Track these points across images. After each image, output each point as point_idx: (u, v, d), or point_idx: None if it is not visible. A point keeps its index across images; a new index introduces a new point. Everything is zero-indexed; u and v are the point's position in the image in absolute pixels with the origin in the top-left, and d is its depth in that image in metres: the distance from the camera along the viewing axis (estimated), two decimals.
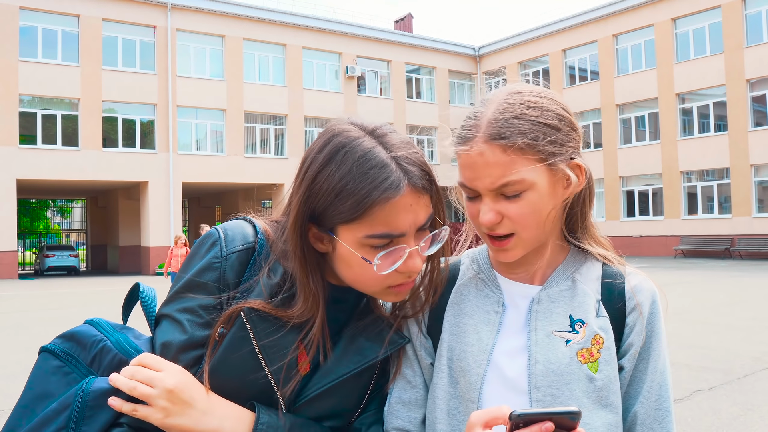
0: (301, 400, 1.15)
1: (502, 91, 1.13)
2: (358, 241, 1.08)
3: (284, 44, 31.48)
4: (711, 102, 28.70)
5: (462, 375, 1.16)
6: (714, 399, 6.05)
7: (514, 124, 1.06)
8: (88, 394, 1.02)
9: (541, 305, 1.18)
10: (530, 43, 35.56)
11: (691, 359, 7.71)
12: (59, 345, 1.10)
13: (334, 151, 1.08)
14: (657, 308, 1.19)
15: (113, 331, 1.13)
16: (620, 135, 31.78)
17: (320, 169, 1.08)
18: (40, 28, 26.11)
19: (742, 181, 27.27)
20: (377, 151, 1.07)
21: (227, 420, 1.07)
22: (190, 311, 1.11)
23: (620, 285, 1.19)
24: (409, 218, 1.08)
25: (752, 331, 9.57)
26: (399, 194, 1.05)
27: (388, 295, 1.16)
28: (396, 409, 1.21)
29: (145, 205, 28.43)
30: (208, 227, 12.15)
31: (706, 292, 15.15)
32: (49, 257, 31.65)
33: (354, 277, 1.13)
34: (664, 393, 1.17)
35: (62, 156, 26.19)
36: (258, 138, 31.28)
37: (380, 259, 1.08)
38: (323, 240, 1.14)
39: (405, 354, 1.24)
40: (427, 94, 37.01)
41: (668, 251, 29.62)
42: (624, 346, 1.17)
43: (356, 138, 1.09)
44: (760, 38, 27.02)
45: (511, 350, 1.16)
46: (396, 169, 1.06)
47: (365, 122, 1.14)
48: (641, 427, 1.16)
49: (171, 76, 28.37)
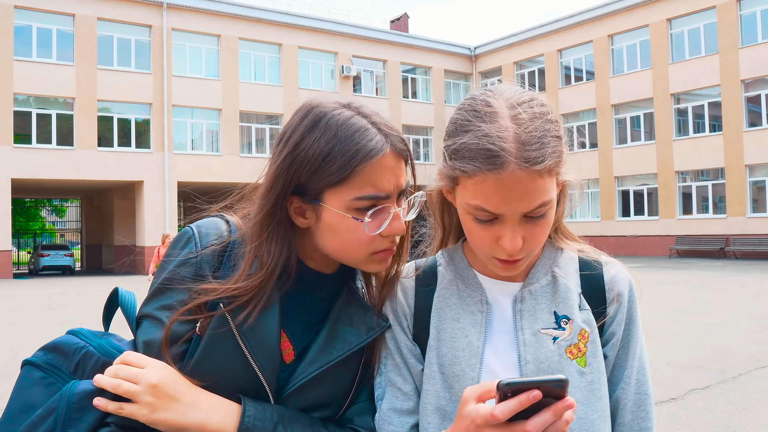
0: (288, 389, 1.15)
1: (505, 102, 1.05)
2: (346, 204, 1.10)
3: (280, 44, 31.47)
4: (706, 102, 28.79)
5: (456, 380, 1.16)
6: (709, 398, 6.07)
7: (543, 143, 1.01)
8: (73, 396, 1.02)
9: (524, 304, 1.18)
10: (526, 44, 35.61)
11: (686, 359, 7.73)
12: (42, 357, 1.10)
13: (316, 120, 1.12)
14: (634, 297, 1.23)
15: (95, 338, 1.14)
16: (615, 135, 31.85)
17: (303, 137, 1.11)
18: (35, 27, 26.04)
19: (737, 181, 27.36)
20: (357, 118, 1.13)
21: (213, 413, 1.07)
22: (170, 308, 1.11)
23: (599, 276, 1.21)
24: (393, 179, 1.12)
25: (747, 330, 9.60)
26: (383, 153, 1.10)
27: (371, 263, 1.18)
28: (387, 415, 1.20)
29: (140, 204, 28.38)
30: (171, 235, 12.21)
31: (701, 291, 15.19)
32: (44, 257, 31.54)
33: (340, 245, 1.15)
34: (642, 377, 1.21)
35: (57, 155, 26.12)
36: (254, 138, 31.25)
37: (370, 217, 1.11)
38: (306, 213, 1.15)
39: (393, 361, 1.23)
40: (422, 94, 37.03)
41: (663, 251, 29.70)
42: (606, 336, 1.20)
43: (335, 108, 1.14)
44: (754, 39, 27.11)
45: (500, 351, 1.16)
46: (378, 133, 1.12)
47: (339, 98, 1.18)
48: (623, 412, 1.19)
49: (166, 76, 28.32)
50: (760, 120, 27.21)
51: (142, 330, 1.13)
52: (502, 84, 1.12)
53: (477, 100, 1.07)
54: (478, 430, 0.91)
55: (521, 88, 1.10)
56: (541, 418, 0.88)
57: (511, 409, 0.86)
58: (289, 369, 1.16)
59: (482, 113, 1.04)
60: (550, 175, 1.03)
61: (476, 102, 1.07)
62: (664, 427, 5.30)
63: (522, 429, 0.88)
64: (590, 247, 1.27)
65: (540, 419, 0.88)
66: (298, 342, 1.19)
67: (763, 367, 7.23)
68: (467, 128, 1.04)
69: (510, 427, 0.89)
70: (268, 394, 1.13)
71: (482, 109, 1.05)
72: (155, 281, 1.16)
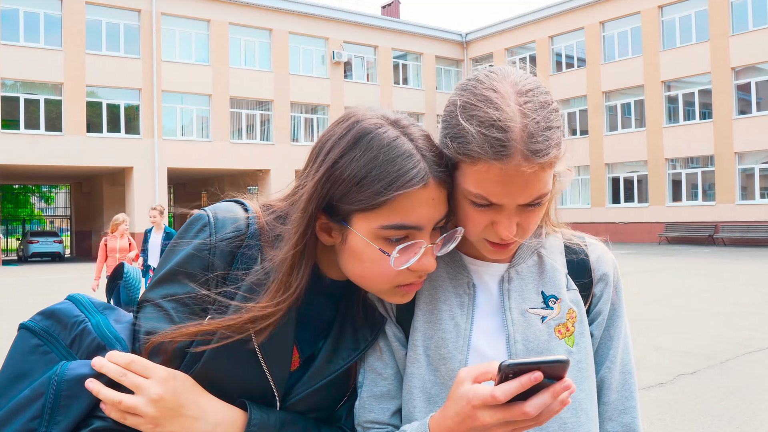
0: (294, 397, 1.12)
1: (512, 88, 1.02)
2: (374, 231, 1.03)
3: (270, 29, 31.23)
4: (696, 90, 28.85)
5: (443, 362, 1.14)
6: (697, 383, 6.13)
7: (547, 136, 0.99)
8: (63, 383, 0.98)
9: (512, 284, 1.17)
10: (517, 30, 35.52)
11: (674, 344, 7.80)
12: (39, 322, 1.06)
13: (359, 137, 1.04)
14: (619, 277, 1.25)
15: (95, 312, 1.09)
16: (606, 122, 31.90)
17: (342, 154, 1.03)
18: (22, 11, 25.72)
19: (726, 169, 27.50)
20: (402, 140, 1.04)
21: (220, 426, 1.04)
22: (176, 300, 1.07)
23: (584, 256, 1.23)
24: (430, 212, 1.04)
25: (735, 316, 9.69)
26: (424, 185, 1.02)
27: (394, 295, 1.11)
28: (368, 403, 1.18)
29: (129, 190, 28.22)
30: (160, 209, 10.30)
31: (690, 278, 15.29)
32: (33, 243, 31.38)
33: (363, 273, 1.08)
34: (626, 356, 1.23)
35: (46, 141, 25.90)
36: (244, 124, 31.08)
37: (398, 252, 1.03)
38: (332, 231, 1.09)
39: (374, 346, 1.20)
40: (413, 80, 36.90)
41: (653, 238, 29.87)
42: (592, 315, 1.21)
43: (380, 125, 1.05)
44: (745, 26, 27.15)
45: (488, 332, 1.16)
46: (422, 160, 1.03)
47: (386, 112, 1.10)
48: (609, 391, 1.21)
49: (156, 61, 28.09)
50: (750, 108, 27.31)
51: (144, 316, 1.08)
52: (506, 66, 1.08)
53: (481, 83, 1.03)
54: (474, 411, 0.89)
55: (524, 71, 1.07)
56: (540, 400, 0.86)
57: (512, 391, 0.85)
58: (294, 376, 1.14)
59: (488, 98, 1.00)
60: (551, 167, 1.02)
61: (481, 85, 1.03)
62: (652, 412, 5.35)
63: (520, 410, 0.86)
64: (572, 231, 1.28)
65: (539, 400, 0.86)
66: (305, 350, 1.16)
67: (751, 352, 7.31)
68: (472, 112, 1.00)
69: (508, 409, 0.87)
70: (276, 400, 1.11)
71: (489, 94, 1.01)
72: (163, 266, 1.11)
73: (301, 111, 32.36)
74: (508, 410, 0.87)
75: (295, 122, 32.17)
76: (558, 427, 1.11)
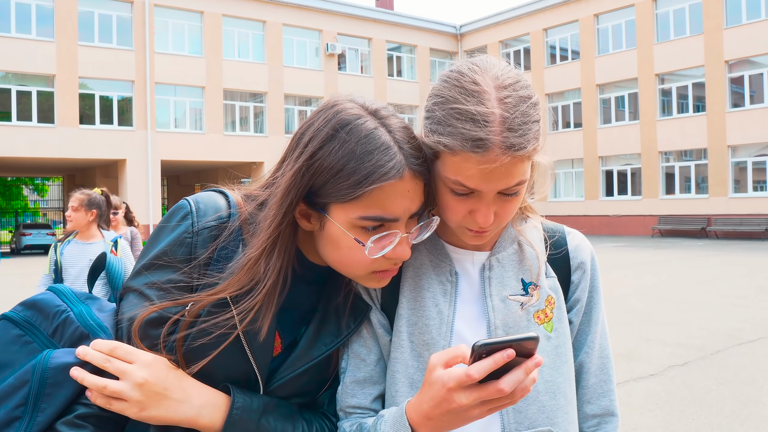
0: (276, 382, 1.14)
1: (493, 82, 1.04)
2: (351, 221, 1.06)
3: (264, 21, 31.08)
4: (690, 83, 28.89)
5: (426, 348, 1.17)
6: (687, 374, 6.19)
7: (526, 130, 1.01)
8: (47, 371, 0.99)
9: (493, 271, 1.21)
10: (512, 22, 35.45)
11: (666, 336, 7.86)
12: (20, 313, 1.07)
13: (338, 128, 1.06)
14: (596, 264, 1.29)
15: (77, 302, 1.10)
16: (600, 115, 31.92)
17: (321, 145, 1.06)
18: (14, 2, 25.50)
19: (720, 162, 27.59)
20: (380, 132, 1.06)
21: (205, 408, 1.05)
22: (159, 287, 1.08)
23: (563, 245, 1.27)
24: (405, 204, 1.07)
25: (726, 308, 9.76)
26: (400, 178, 1.04)
27: (370, 280, 1.14)
28: (350, 387, 1.20)
29: (123, 183, 28.11)
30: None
31: (682, 270, 15.37)
32: (26, 236, 31.18)
33: (339, 259, 1.11)
34: (604, 342, 1.28)
35: (38, 133, 25.76)
36: (237, 116, 30.98)
37: (373, 242, 1.06)
38: (311, 218, 1.12)
39: (359, 332, 1.22)
40: (408, 72, 36.83)
41: (646, 230, 29.96)
42: (570, 302, 1.25)
43: (359, 116, 1.07)
44: (739, 20, 27.18)
45: (470, 318, 1.19)
46: (398, 153, 1.05)
47: (366, 101, 1.12)
48: (587, 375, 1.26)
49: (149, 53, 27.93)
50: (743, 101, 27.37)
51: (128, 304, 1.09)
52: (489, 58, 1.10)
53: (464, 75, 1.05)
54: (450, 393, 0.91)
55: (507, 64, 1.09)
56: (513, 376, 0.89)
57: (487, 369, 0.87)
58: (276, 361, 1.15)
59: (469, 91, 1.02)
60: (529, 159, 1.06)
61: (463, 78, 1.05)
62: (643, 403, 5.40)
63: (495, 388, 0.89)
64: (551, 222, 1.32)
65: (513, 377, 0.89)
66: (287, 335, 1.18)
67: (741, 344, 7.37)
68: (452, 105, 1.03)
69: (483, 388, 0.90)
70: (259, 384, 1.12)
71: (469, 87, 1.03)
72: (146, 255, 1.12)
73: (295, 103, 32.27)
74: (483, 389, 0.90)
75: (289, 114, 32.08)
76: (537, 410, 1.15)
